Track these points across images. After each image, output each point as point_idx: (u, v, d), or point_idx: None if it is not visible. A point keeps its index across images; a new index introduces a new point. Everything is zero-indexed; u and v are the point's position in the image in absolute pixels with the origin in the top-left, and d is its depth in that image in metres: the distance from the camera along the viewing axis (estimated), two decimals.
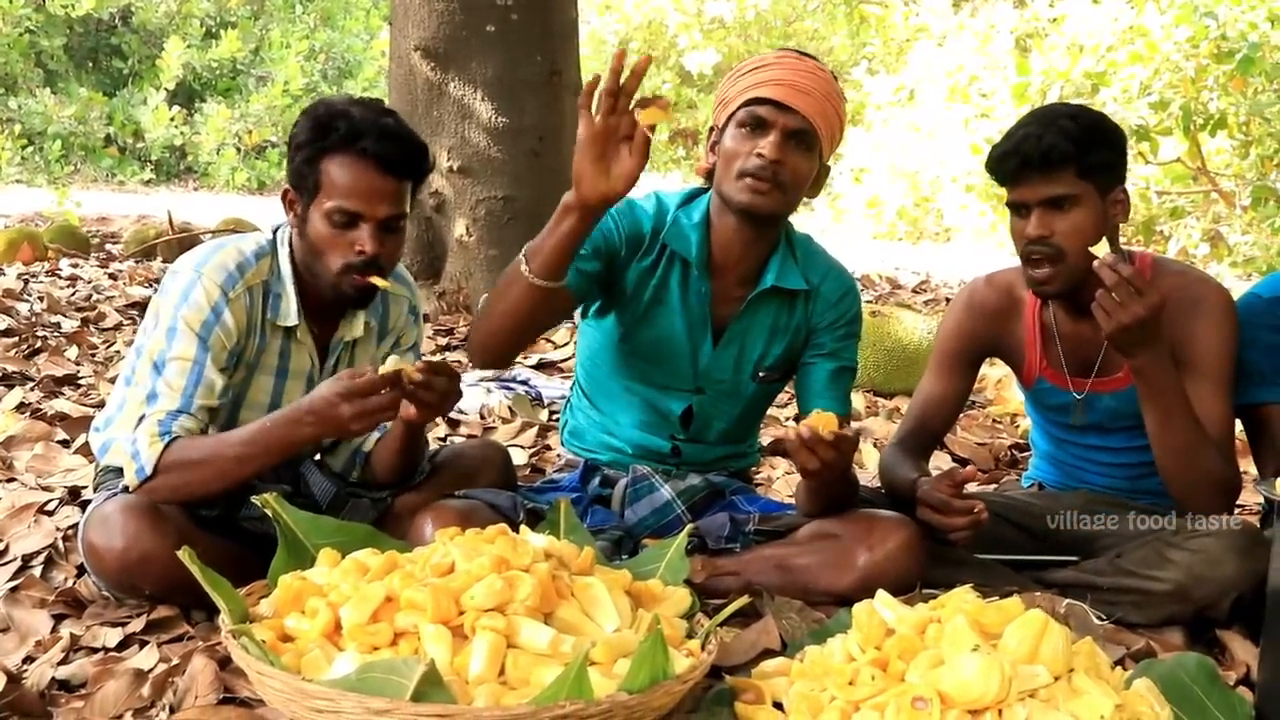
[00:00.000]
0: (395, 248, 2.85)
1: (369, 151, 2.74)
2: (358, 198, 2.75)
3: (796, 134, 2.86)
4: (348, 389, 2.56)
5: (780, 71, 2.88)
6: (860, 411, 5.29)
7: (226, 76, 20.41)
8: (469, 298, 6.77)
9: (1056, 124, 2.89)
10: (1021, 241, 2.94)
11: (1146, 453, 3.02)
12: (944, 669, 1.99)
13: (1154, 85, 12.15)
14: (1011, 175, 2.91)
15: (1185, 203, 13.66)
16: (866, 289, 10.19)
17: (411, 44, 6.79)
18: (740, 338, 3.05)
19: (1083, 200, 2.89)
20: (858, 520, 2.89)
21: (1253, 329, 3.03)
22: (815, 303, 3.09)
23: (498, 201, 6.76)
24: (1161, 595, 2.81)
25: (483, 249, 6.80)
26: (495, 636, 2.11)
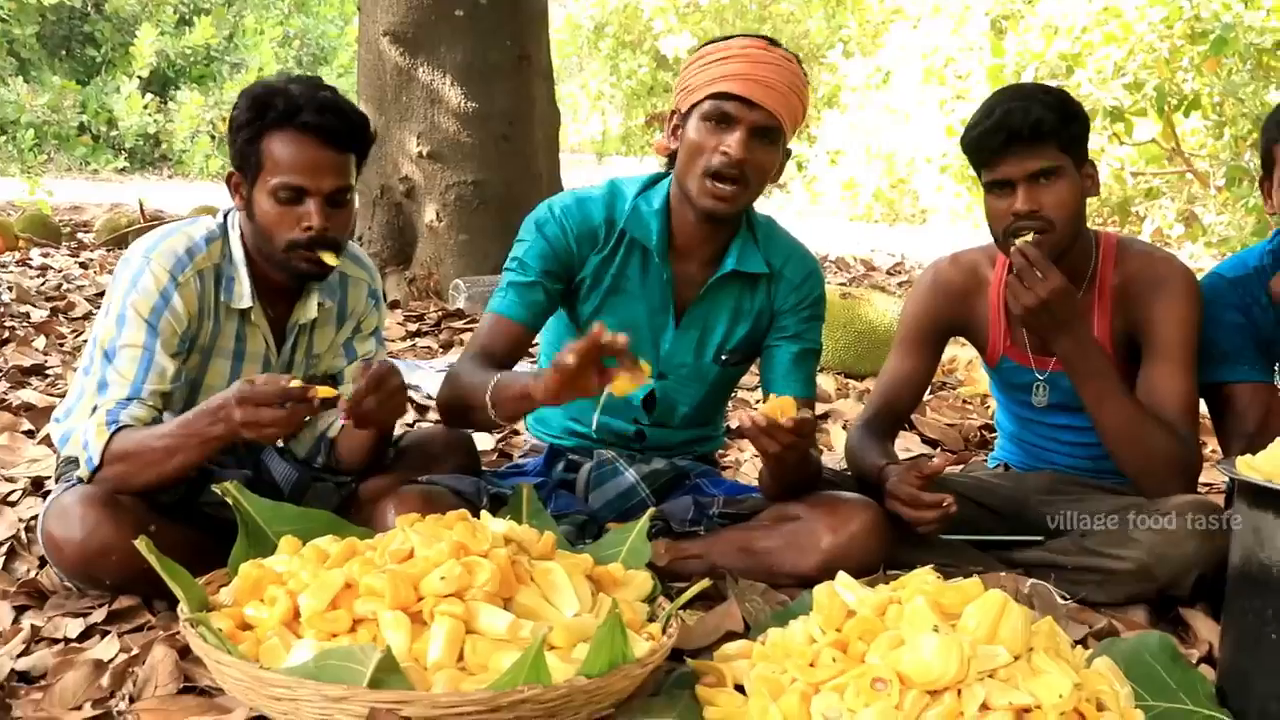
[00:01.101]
0: (343, 221, 2.83)
1: (309, 125, 2.72)
2: (301, 172, 2.73)
3: (762, 130, 2.85)
4: (244, 395, 2.52)
5: (747, 65, 2.85)
6: (831, 393, 5.28)
7: (200, 64, 20.35)
8: (439, 283, 6.76)
9: (1036, 98, 2.90)
10: (1005, 219, 2.91)
11: None
12: (903, 650, 1.98)
13: (1128, 66, 12.16)
14: (997, 151, 2.88)
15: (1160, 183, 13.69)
16: (841, 271, 10.20)
17: (380, 29, 6.77)
18: (702, 322, 3.04)
19: (1065, 172, 2.90)
20: (821, 502, 2.89)
21: (1216, 309, 3.04)
22: (778, 285, 3.08)
23: (468, 186, 6.74)
24: (1124, 574, 2.82)
25: (453, 234, 6.79)
26: (454, 622, 2.10)
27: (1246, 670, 2.29)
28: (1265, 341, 3.02)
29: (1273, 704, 2.20)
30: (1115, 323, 3.05)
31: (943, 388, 5.64)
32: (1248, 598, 2.29)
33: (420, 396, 4.77)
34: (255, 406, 2.52)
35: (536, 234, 2.99)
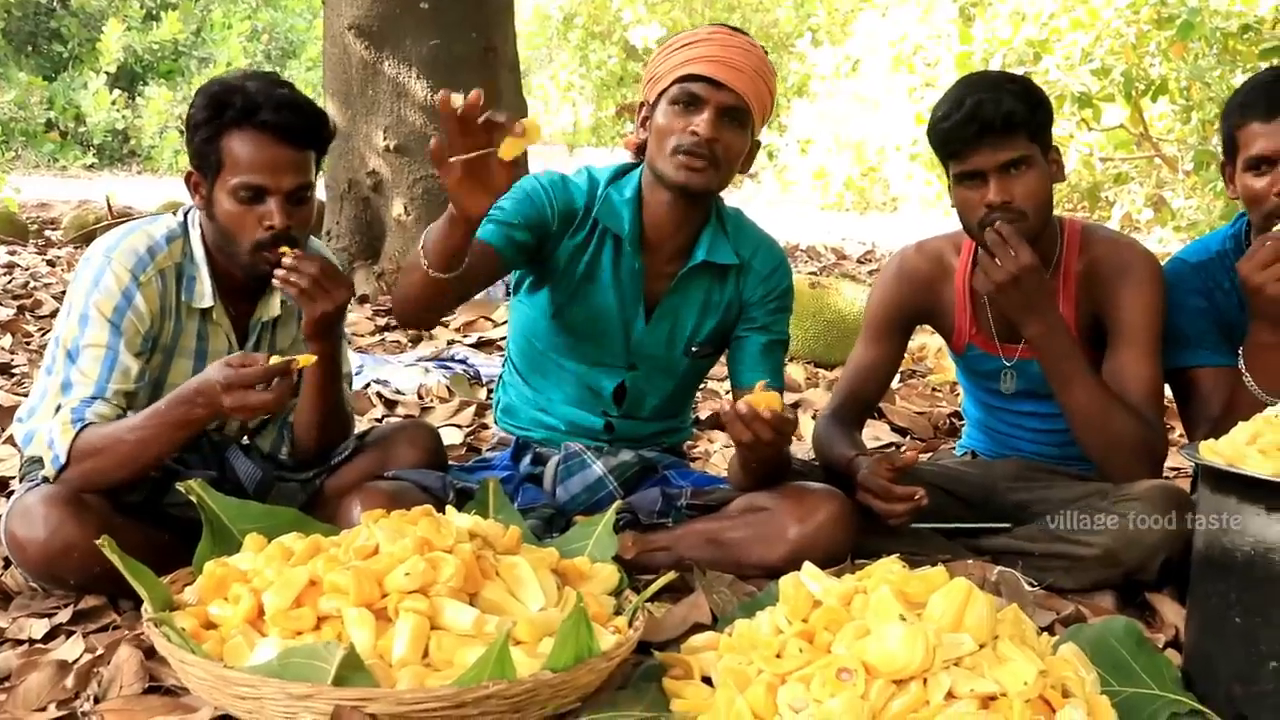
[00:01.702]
0: (305, 218, 2.81)
1: (268, 123, 2.71)
2: (262, 171, 2.72)
3: (730, 110, 2.87)
4: (230, 380, 2.52)
5: (713, 48, 2.88)
6: (800, 383, 5.29)
7: (168, 59, 20.26)
8: None
9: (1005, 88, 2.91)
10: (978, 211, 2.91)
11: None
12: (869, 640, 1.98)
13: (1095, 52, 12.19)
14: (969, 142, 2.88)
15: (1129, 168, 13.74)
16: (812, 260, 10.21)
17: (345, 23, 6.74)
18: (672, 313, 3.04)
19: (1035, 161, 2.91)
20: (788, 493, 2.89)
21: (1179, 294, 3.05)
22: (746, 277, 3.09)
23: (435, 180, 6.70)
24: (1091, 560, 2.83)
25: (421, 228, 6.66)
26: (418, 618, 2.10)
27: (1211, 654, 2.30)
28: (1228, 325, 3.03)
29: (1237, 687, 2.21)
30: (1080, 309, 3.06)
31: (912, 375, 5.65)
32: (1212, 582, 2.31)
33: (389, 391, 4.76)
34: (243, 390, 2.52)
35: (522, 192, 2.98)
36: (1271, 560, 2.14)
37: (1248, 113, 2.89)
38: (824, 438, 3.16)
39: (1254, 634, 2.18)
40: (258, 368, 2.52)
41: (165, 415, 2.62)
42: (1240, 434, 2.31)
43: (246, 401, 2.53)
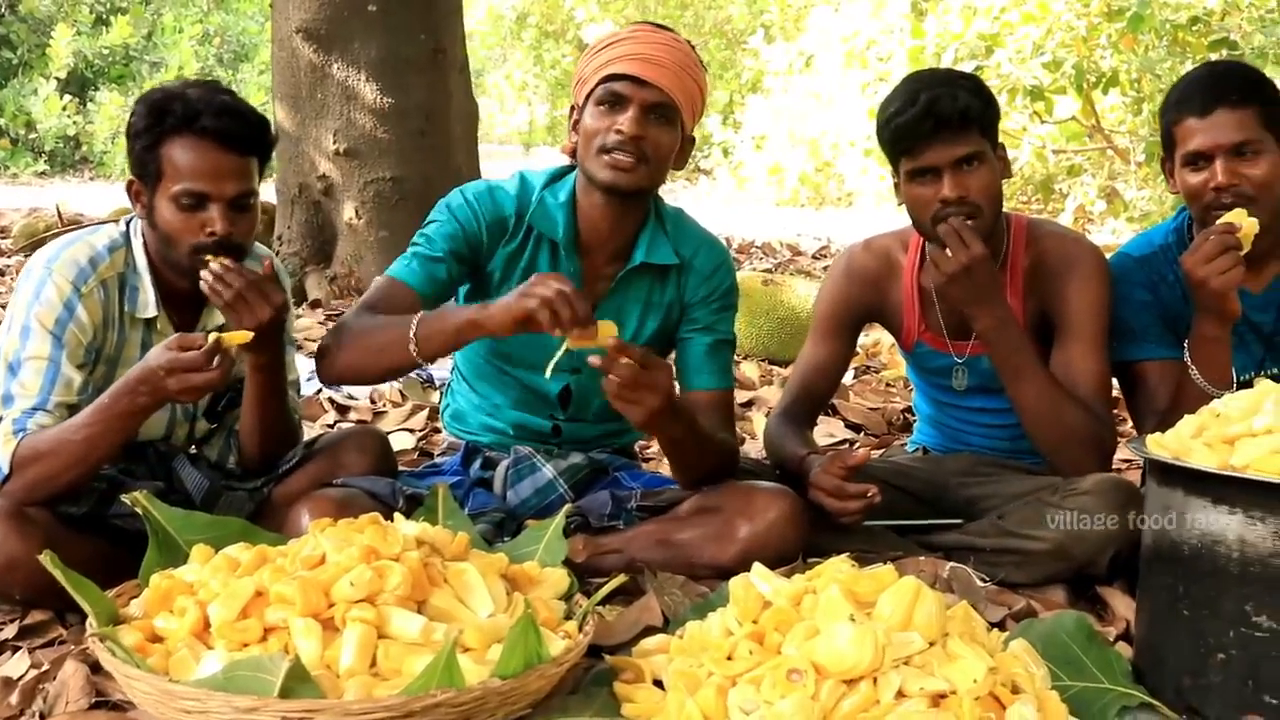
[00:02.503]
0: (247, 227, 2.79)
1: (208, 129, 2.69)
2: (203, 178, 2.69)
3: (655, 107, 2.84)
4: (173, 364, 2.51)
5: (635, 45, 2.86)
6: (754, 380, 5.29)
7: (119, 63, 20.12)
8: (361, 281, 6.71)
9: (958, 84, 2.92)
10: (932, 207, 2.92)
11: None
12: (818, 640, 1.98)
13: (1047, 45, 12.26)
14: (923, 139, 2.89)
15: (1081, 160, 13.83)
16: (767, 257, 10.22)
17: (293, 26, 6.71)
18: (613, 316, 3.01)
19: (986, 156, 2.93)
20: (738, 492, 2.89)
21: (1125, 287, 3.07)
22: (688, 277, 3.07)
23: (386, 183, 6.71)
24: (1042, 554, 2.84)
25: (373, 231, 6.76)
26: (365, 628, 2.08)
27: (1160, 647, 2.31)
28: (1173, 318, 3.06)
29: (1186, 679, 2.22)
30: (1028, 304, 3.07)
31: (866, 371, 5.67)
32: (1160, 575, 2.32)
33: (341, 397, 4.73)
34: (185, 373, 2.51)
35: (448, 215, 2.97)
36: (1218, 553, 2.15)
37: (1184, 109, 2.92)
38: (775, 436, 3.16)
39: (1202, 626, 2.20)
40: (200, 351, 2.51)
41: (110, 409, 2.60)
42: (1186, 427, 2.32)
43: (190, 383, 2.53)
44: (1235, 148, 2.87)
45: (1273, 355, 3.09)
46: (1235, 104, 2.88)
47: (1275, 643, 2.10)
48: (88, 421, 2.62)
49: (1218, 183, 2.87)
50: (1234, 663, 2.15)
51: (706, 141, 20.62)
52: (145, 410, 2.62)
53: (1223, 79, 2.95)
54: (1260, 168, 2.88)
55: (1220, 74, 2.99)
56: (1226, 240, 2.75)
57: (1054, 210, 14.18)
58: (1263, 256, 2.98)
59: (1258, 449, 2.14)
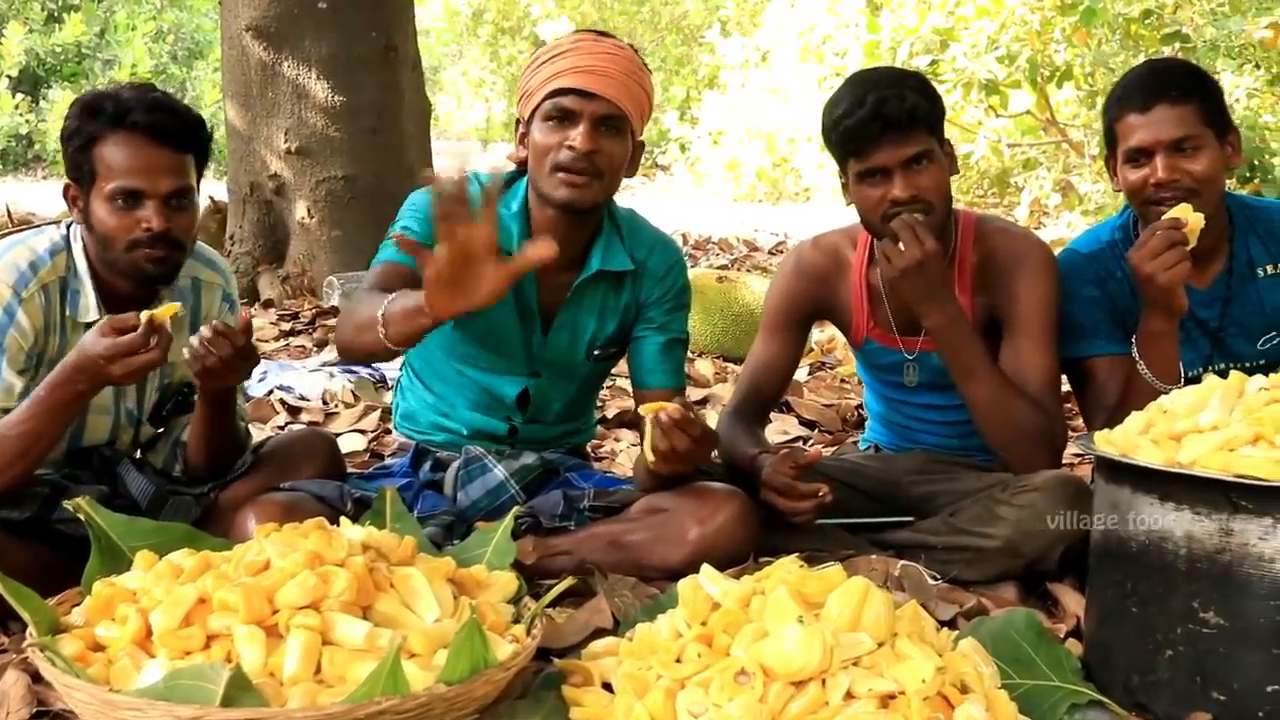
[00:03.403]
0: (186, 224, 2.74)
1: (140, 124, 2.66)
2: (136, 175, 2.66)
3: (605, 119, 2.81)
4: (113, 350, 2.49)
5: (580, 58, 2.82)
6: (709, 377, 5.29)
7: (72, 61, 19.93)
8: (313, 280, 6.69)
9: (905, 84, 2.92)
10: (882, 207, 2.91)
11: None
12: (767, 642, 1.97)
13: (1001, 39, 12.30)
14: (872, 140, 2.88)
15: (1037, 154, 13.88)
16: (724, 253, 10.22)
17: (242, 24, 6.68)
18: (571, 322, 3.01)
19: (935, 155, 2.93)
20: (689, 493, 2.87)
21: (1074, 283, 3.08)
22: (643, 279, 3.05)
23: (338, 181, 6.68)
24: (993, 551, 2.84)
25: (325, 230, 6.73)
26: (309, 634, 2.06)
27: (1109, 643, 2.32)
28: (1121, 314, 3.07)
29: (1134, 676, 2.23)
30: (976, 301, 3.07)
31: (821, 368, 5.67)
32: (1109, 572, 2.32)
33: (293, 398, 4.70)
34: (126, 357, 2.49)
35: (422, 214, 2.93)
36: (1165, 549, 2.16)
37: (1125, 106, 2.95)
38: (726, 436, 3.15)
39: (1150, 623, 2.20)
40: (138, 334, 2.49)
41: (47, 401, 2.57)
42: (1133, 424, 2.33)
43: (133, 366, 2.50)
44: (1175, 143, 2.89)
45: (1219, 351, 3.10)
46: (1175, 100, 2.90)
47: (1222, 639, 2.10)
48: (24, 417, 2.59)
49: (1158, 178, 2.88)
50: (1181, 659, 2.15)
51: (664, 138, 20.61)
52: (83, 398, 2.59)
53: (1162, 76, 2.97)
54: (1200, 163, 2.90)
55: (1160, 71, 3.01)
56: (1173, 235, 2.76)
57: (1010, 204, 14.23)
58: (1207, 253, 3.00)
59: (1204, 445, 2.14)
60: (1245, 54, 12.43)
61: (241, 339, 2.65)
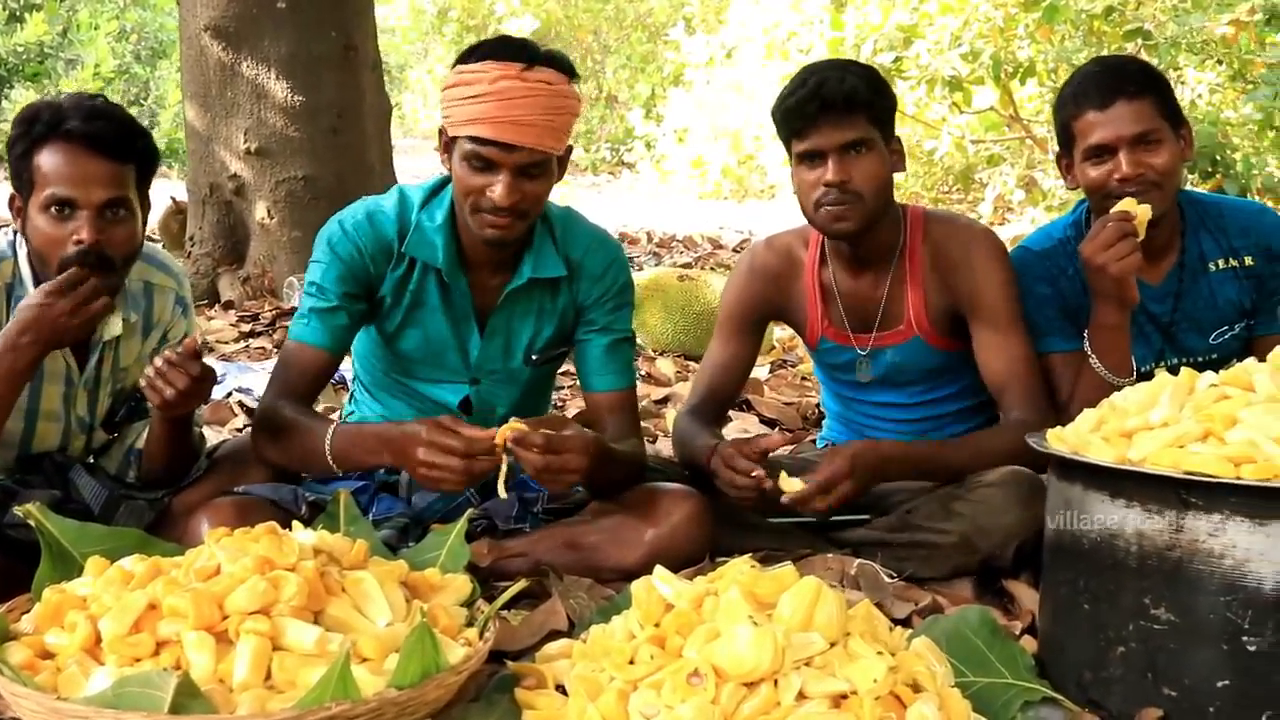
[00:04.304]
0: (122, 237, 2.70)
1: (75, 132, 2.62)
2: (69, 183, 2.62)
3: (527, 167, 2.76)
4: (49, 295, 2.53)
5: (499, 107, 2.72)
6: (670, 376, 5.29)
7: (34, 61, 19.79)
8: (273, 281, 6.66)
9: (849, 69, 2.96)
10: (815, 190, 2.95)
11: (931, 407, 3.14)
12: (719, 642, 1.97)
13: (965, 36, 12.33)
14: (811, 119, 2.91)
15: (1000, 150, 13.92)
16: (688, 250, 10.22)
17: (201, 24, 6.64)
18: (506, 327, 3.00)
19: (874, 145, 2.95)
20: (643, 495, 2.87)
21: (1026, 281, 3.10)
22: (580, 280, 3.03)
23: (298, 182, 6.65)
24: (948, 548, 2.85)
25: (285, 231, 6.70)
26: (259, 640, 2.04)
27: (1062, 640, 2.32)
28: (1073, 311, 3.08)
29: (1087, 673, 2.23)
30: (930, 295, 3.09)
31: (782, 366, 5.67)
32: (1062, 569, 2.33)
33: (252, 400, 4.68)
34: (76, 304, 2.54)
35: (331, 255, 2.92)
36: (1116, 546, 2.16)
37: (1083, 103, 2.95)
38: (683, 434, 3.16)
39: (1102, 620, 2.20)
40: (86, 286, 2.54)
41: None
42: (1085, 421, 2.33)
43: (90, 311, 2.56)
44: (1137, 138, 2.90)
45: (1171, 346, 3.12)
46: (1133, 95, 2.91)
47: (1173, 635, 2.11)
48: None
49: (1123, 174, 2.89)
50: (1133, 655, 2.16)
51: (630, 135, 20.59)
52: (34, 361, 2.59)
53: (1118, 72, 2.98)
54: (1161, 157, 2.92)
55: (1114, 67, 3.02)
56: (1124, 227, 2.78)
57: (974, 200, 14.27)
58: (1160, 248, 3.02)
59: (1154, 442, 2.15)
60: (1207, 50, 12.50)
61: (196, 368, 2.64)
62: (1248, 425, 2.11)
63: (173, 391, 2.61)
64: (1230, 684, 2.06)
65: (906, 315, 3.11)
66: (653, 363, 5.58)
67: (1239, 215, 3.14)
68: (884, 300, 3.12)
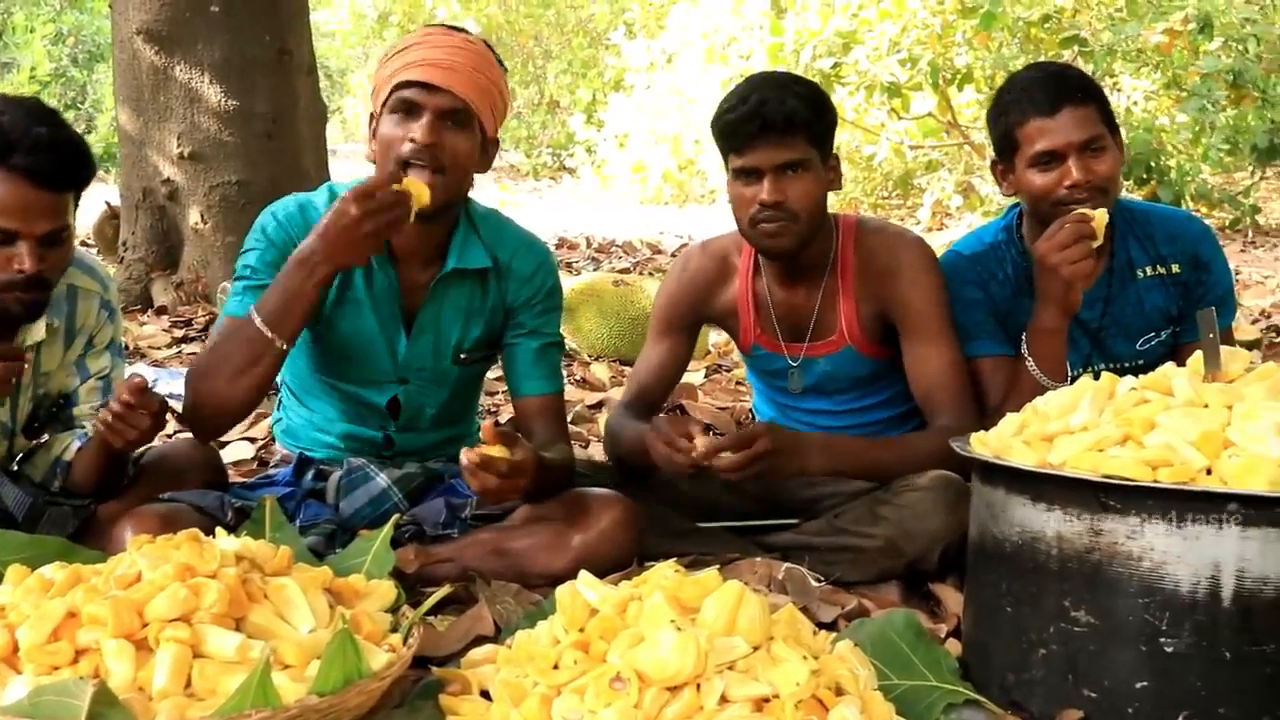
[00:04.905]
0: (59, 260, 2.70)
1: (19, 167, 2.58)
2: (12, 216, 2.59)
3: (450, 113, 2.79)
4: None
5: (426, 51, 2.81)
6: (605, 381, 5.29)
7: None
8: (207, 286, 6.61)
9: (791, 89, 2.94)
10: (750, 206, 2.95)
11: (863, 414, 3.15)
12: (642, 647, 1.97)
13: (903, 42, 12.43)
14: (749, 139, 2.92)
15: (939, 155, 14.02)
16: (627, 255, 10.23)
17: (133, 27, 6.58)
18: (433, 324, 2.99)
19: (811, 165, 2.95)
20: (571, 500, 2.87)
21: (956, 286, 3.11)
22: (508, 281, 3.04)
23: (232, 187, 6.61)
24: (874, 551, 2.85)
25: (219, 236, 6.65)
26: (179, 647, 2.02)
27: (986, 643, 2.34)
28: (1004, 315, 3.10)
29: (1010, 675, 2.25)
30: (862, 304, 3.10)
31: (717, 370, 5.68)
32: (985, 572, 2.34)
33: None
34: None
35: (265, 240, 2.93)
36: (1038, 549, 2.18)
37: (1028, 110, 2.95)
38: (614, 425, 3.20)
39: (1024, 623, 2.22)
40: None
41: None
42: (1008, 425, 2.35)
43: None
44: (1085, 144, 2.91)
45: (1099, 352, 3.14)
46: (1080, 102, 2.93)
47: (1093, 637, 2.12)
48: None
49: (1074, 179, 2.90)
50: (1054, 657, 2.17)
51: (571, 140, 20.59)
52: None
53: (1060, 79, 2.99)
54: (1106, 162, 2.94)
55: (1055, 74, 3.02)
56: (1082, 229, 2.79)
57: (913, 205, 14.36)
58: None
59: (1074, 446, 2.17)
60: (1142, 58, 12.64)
61: (154, 402, 2.64)
62: (1165, 429, 2.14)
63: (136, 433, 2.62)
64: (1148, 685, 2.08)
65: (839, 325, 3.12)
66: (587, 368, 5.58)
67: (1166, 223, 3.17)
68: (816, 310, 3.13)
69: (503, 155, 22.83)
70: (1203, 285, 3.13)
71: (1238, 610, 2.02)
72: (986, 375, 3.07)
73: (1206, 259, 3.14)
